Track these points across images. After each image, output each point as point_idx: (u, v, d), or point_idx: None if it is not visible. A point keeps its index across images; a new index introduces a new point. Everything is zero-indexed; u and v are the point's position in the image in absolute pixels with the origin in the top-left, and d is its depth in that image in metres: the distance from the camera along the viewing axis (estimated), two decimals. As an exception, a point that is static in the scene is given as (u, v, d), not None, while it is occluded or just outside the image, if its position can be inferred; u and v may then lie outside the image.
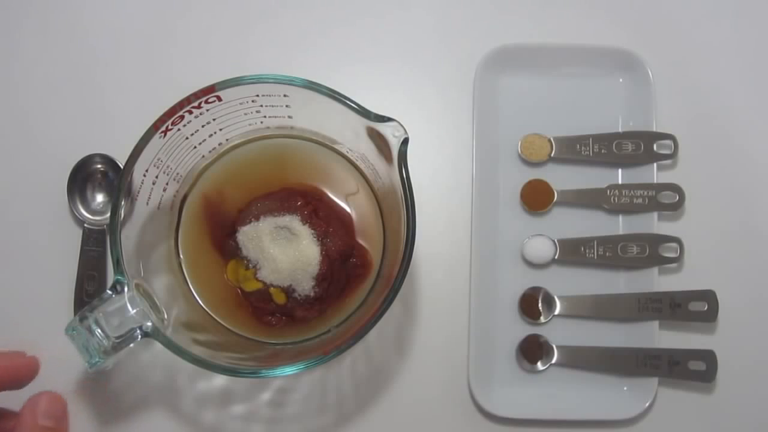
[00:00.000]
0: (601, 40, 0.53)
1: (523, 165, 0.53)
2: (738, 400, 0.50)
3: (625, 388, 0.50)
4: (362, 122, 0.40)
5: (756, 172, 0.53)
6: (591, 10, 0.55)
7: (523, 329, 0.51)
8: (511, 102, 0.53)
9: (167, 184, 0.45)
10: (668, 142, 0.52)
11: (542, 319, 0.51)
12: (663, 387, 0.50)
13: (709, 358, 0.49)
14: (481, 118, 0.52)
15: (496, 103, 0.53)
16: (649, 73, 0.52)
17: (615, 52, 0.53)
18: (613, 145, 0.52)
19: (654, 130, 0.52)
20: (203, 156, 0.47)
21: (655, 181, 0.51)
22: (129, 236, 0.41)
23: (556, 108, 0.53)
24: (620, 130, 0.53)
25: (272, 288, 0.46)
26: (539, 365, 0.50)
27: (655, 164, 0.52)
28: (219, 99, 0.42)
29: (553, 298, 0.51)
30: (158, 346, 0.39)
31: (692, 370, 0.49)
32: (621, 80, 0.53)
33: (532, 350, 0.50)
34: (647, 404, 0.49)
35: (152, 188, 0.43)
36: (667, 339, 0.50)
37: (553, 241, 0.51)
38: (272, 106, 0.44)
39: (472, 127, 0.52)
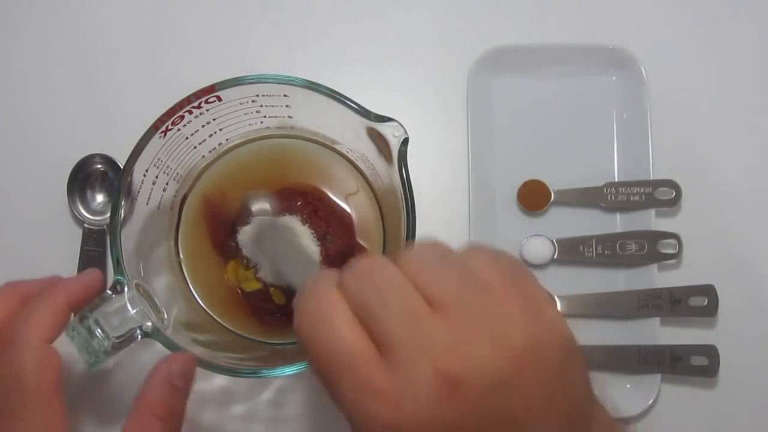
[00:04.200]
0: (596, 39, 0.54)
1: (519, 165, 0.53)
2: (741, 393, 0.50)
3: (628, 386, 0.50)
4: (362, 122, 0.40)
5: (752, 165, 0.53)
6: (586, 10, 0.56)
7: (523, 329, 0.51)
8: (505, 103, 0.54)
9: (167, 184, 0.45)
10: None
11: (542, 318, 0.51)
12: (666, 383, 0.50)
13: (711, 352, 0.49)
14: (475, 120, 0.52)
15: (490, 104, 0.53)
16: (642, 70, 0.52)
17: (608, 51, 0.53)
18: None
19: (648, 127, 0.52)
20: (203, 156, 0.47)
21: (651, 178, 0.52)
22: (129, 236, 0.41)
23: (550, 107, 0.54)
24: (614, 126, 0.53)
25: (272, 288, 0.46)
26: (540, 365, 0.50)
27: (651, 161, 0.52)
28: (219, 99, 0.42)
29: (553, 298, 0.51)
30: (158, 346, 0.39)
31: (695, 366, 0.49)
32: (614, 78, 0.54)
33: (532, 350, 0.50)
34: (651, 401, 0.49)
35: (152, 188, 0.43)
36: (668, 335, 0.50)
37: (552, 241, 0.51)
38: (272, 106, 0.44)
39: (467, 128, 0.52)
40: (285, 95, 0.43)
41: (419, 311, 0.27)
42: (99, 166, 0.52)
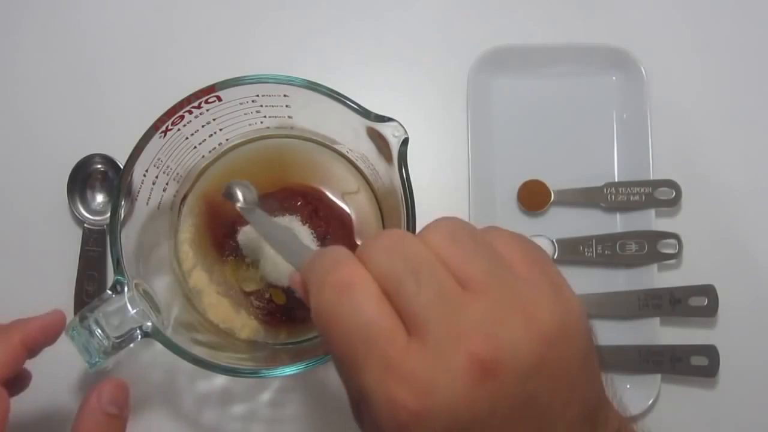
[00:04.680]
0: (596, 39, 0.54)
1: (519, 165, 0.53)
2: (741, 393, 0.50)
3: (628, 386, 0.50)
4: (362, 122, 0.40)
5: (752, 165, 0.53)
6: (586, 10, 0.56)
7: (523, 329, 0.51)
8: (505, 103, 0.54)
9: (167, 184, 0.45)
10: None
11: (542, 318, 0.51)
12: (666, 383, 0.50)
13: (710, 353, 0.49)
14: (475, 120, 0.52)
15: (490, 104, 0.53)
16: (642, 70, 0.52)
17: (608, 51, 0.53)
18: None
19: (648, 127, 0.52)
20: (203, 156, 0.47)
21: (651, 178, 0.52)
22: (129, 236, 0.41)
23: (550, 107, 0.54)
24: (614, 126, 0.53)
25: (272, 288, 0.46)
26: (540, 365, 0.50)
27: (651, 161, 0.52)
28: (219, 99, 0.42)
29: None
30: (158, 346, 0.39)
31: (694, 366, 0.49)
32: (614, 78, 0.54)
33: (532, 350, 0.50)
34: (651, 401, 0.49)
35: (152, 188, 0.43)
36: (668, 335, 0.50)
37: (552, 241, 0.51)
38: (272, 106, 0.44)
39: (467, 128, 0.52)
40: (285, 95, 0.43)
41: (453, 291, 0.25)
42: (99, 166, 0.52)
